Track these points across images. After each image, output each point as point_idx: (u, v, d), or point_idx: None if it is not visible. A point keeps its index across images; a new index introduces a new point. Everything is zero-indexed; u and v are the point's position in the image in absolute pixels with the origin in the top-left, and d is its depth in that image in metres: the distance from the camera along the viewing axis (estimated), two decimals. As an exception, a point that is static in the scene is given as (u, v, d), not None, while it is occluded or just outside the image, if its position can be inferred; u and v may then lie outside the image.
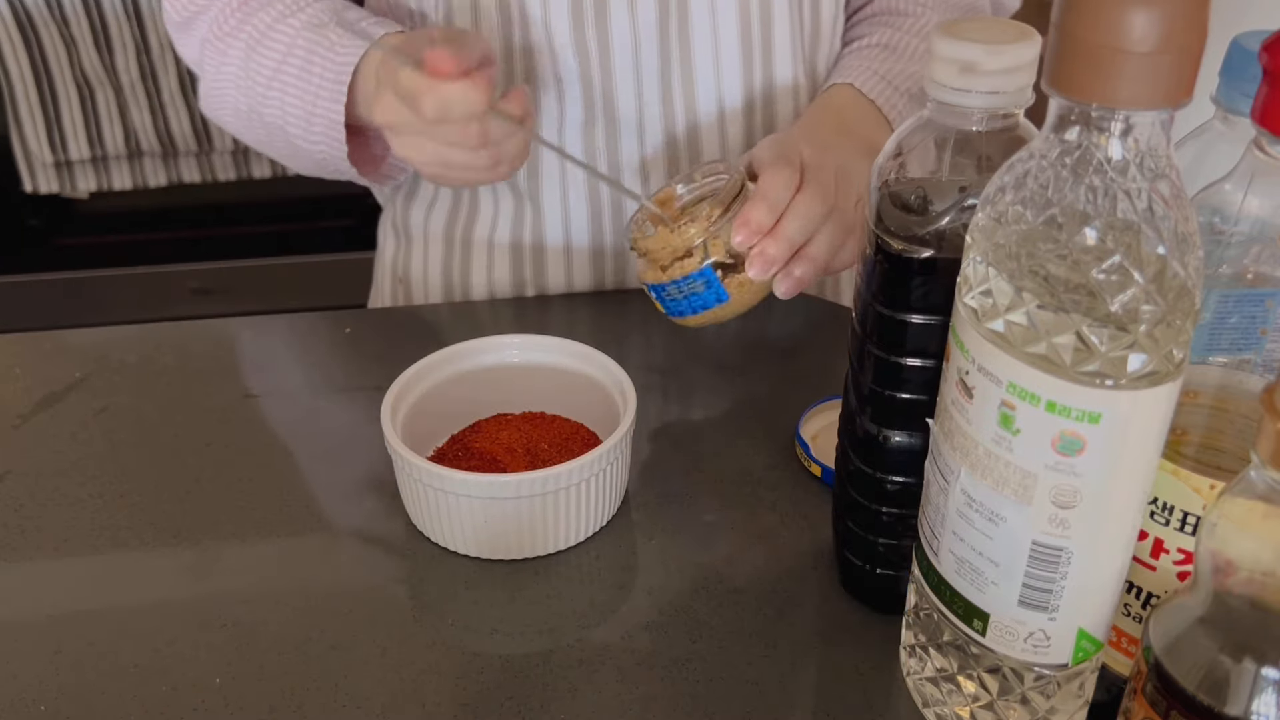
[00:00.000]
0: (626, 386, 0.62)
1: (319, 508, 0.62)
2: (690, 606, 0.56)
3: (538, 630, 0.55)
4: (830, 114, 0.75)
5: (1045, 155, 0.38)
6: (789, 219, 0.65)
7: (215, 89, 0.78)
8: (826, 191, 0.66)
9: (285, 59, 0.73)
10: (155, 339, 0.77)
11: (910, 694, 0.51)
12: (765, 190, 0.65)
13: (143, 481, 0.64)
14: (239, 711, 0.50)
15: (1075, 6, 0.35)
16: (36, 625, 0.55)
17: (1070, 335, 0.38)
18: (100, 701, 0.51)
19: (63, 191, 1.89)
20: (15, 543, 0.60)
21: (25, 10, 1.72)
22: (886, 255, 0.46)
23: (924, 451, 0.47)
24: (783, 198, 0.65)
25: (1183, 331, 0.38)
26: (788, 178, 0.65)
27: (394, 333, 0.79)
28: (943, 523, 0.45)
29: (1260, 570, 0.35)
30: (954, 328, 0.42)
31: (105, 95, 1.81)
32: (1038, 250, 0.38)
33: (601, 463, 0.58)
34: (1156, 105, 0.35)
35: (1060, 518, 0.40)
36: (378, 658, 0.53)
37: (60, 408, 0.70)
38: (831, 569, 0.58)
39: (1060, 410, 0.38)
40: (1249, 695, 0.35)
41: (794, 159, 0.67)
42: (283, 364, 0.76)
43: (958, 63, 0.42)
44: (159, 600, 0.57)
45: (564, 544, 0.59)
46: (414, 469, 0.57)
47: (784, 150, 0.68)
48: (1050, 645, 0.44)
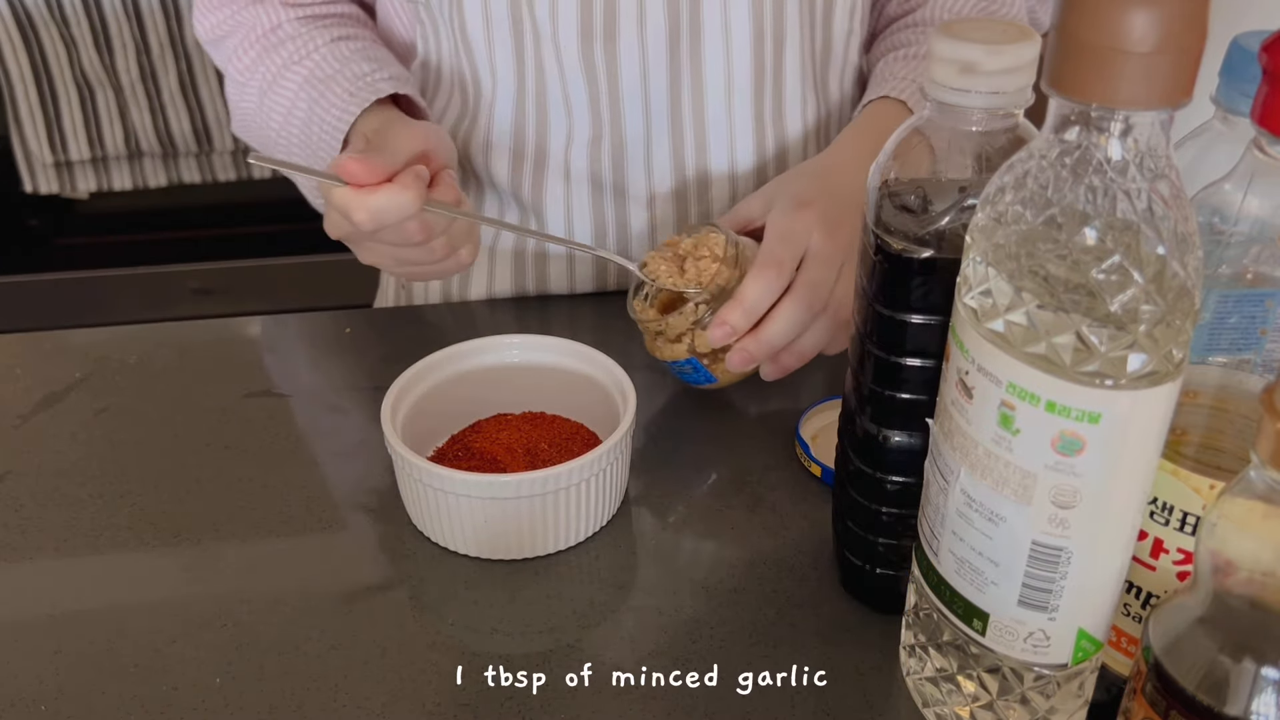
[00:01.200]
0: (626, 386, 0.62)
1: (319, 508, 0.62)
2: (690, 606, 0.56)
3: (538, 630, 0.55)
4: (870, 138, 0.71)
5: (1045, 155, 0.38)
6: (770, 324, 0.63)
7: (240, 122, 0.81)
8: (817, 295, 0.64)
9: (290, 114, 0.75)
10: (155, 339, 0.77)
11: (910, 694, 0.51)
12: (744, 295, 0.62)
13: (143, 481, 0.64)
14: (239, 711, 0.50)
15: (1075, 7, 0.35)
16: (36, 625, 0.55)
17: (1070, 335, 0.38)
18: (100, 701, 0.51)
19: (63, 192, 1.89)
20: (15, 543, 0.60)
21: (25, 10, 1.72)
22: (886, 255, 0.46)
23: (924, 451, 0.47)
24: (761, 304, 0.63)
25: (1182, 331, 0.38)
26: (770, 282, 0.63)
27: (394, 333, 0.79)
28: (942, 523, 0.45)
29: (1260, 570, 0.35)
30: (954, 328, 0.42)
31: (105, 95, 1.81)
32: (1037, 250, 0.38)
33: (601, 463, 0.58)
34: (1156, 105, 0.35)
35: (1060, 518, 0.40)
36: (378, 658, 0.53)
37: (60, 408, 0.70)
38: (831, 569, 0.58)
39: (1060, 410, 0.38)
40: (1249, 695, 0.35)
41: (793, 249, 0.64)
42: (283, 364, 0.76)
43: (958, 63, 0.42)
44: (159, 600, 0.57)
45: (564, 544, 0.59)
46: (414, 469, 0.57)
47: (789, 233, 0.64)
48: (1050, 645, 0.44)
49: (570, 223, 0.81)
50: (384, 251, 0.66)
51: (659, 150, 0.78)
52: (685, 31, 0.74)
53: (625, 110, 0.76)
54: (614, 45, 0.73)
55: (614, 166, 0.78)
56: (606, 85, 0.75)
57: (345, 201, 0.60)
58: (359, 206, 0.60)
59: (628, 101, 0.75)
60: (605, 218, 0.81)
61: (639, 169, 0.78)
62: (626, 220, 0.80)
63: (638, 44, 0.73)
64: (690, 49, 0.74)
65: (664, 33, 0.73)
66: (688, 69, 0.75)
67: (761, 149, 0.79)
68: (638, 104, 0.76)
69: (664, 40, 0.73)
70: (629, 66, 0.74)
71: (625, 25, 0.73)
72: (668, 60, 0.74)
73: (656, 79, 0.75)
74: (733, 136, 0.78)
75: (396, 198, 0.60)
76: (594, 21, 0.72)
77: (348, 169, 0.59)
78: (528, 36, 0.74)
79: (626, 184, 0.79)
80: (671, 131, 0.77)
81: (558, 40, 0.73)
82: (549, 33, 0.73)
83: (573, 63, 0.74)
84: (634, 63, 0.74)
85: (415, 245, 0.64)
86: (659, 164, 0.78)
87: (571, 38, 0.73)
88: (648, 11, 0.72)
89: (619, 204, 0.80)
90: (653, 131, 0.77)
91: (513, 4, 0.73)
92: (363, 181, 0.59)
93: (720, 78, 0.75)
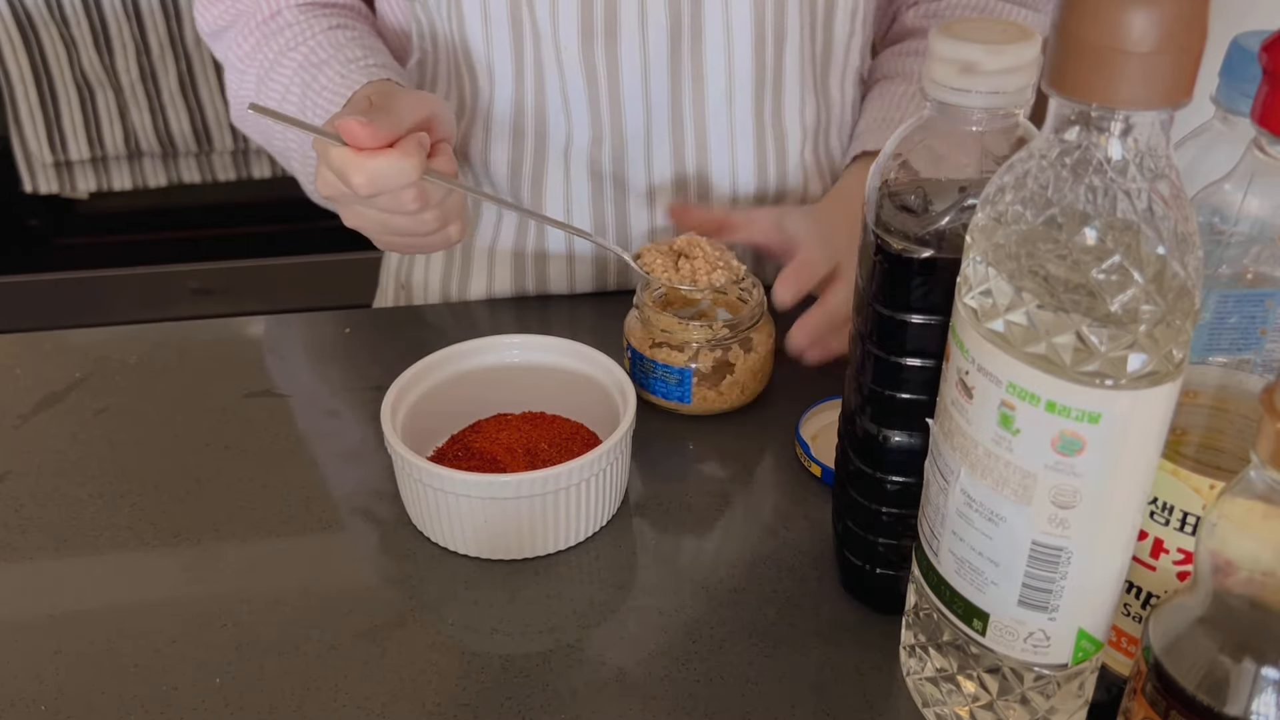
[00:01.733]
0: (626, 386, 0.62)
1: (319, 507, 0.62)
2: (690, 606, 0.56)
3: (538, 630, 0.55)
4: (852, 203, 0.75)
5: (1045, 155, 0.38)
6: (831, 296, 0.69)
7: (239, 112, 0.81)
8: None
9: (285, 98, 0.74)
10: (155, 339, 0.77)
11: (910, 694, 0.51)
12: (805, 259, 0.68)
13: (143, 481, 0.64)
14: (239, 711, 0.50)
15: (1075, 7, 0.35)
16: (36, 625, 0.55)
17: (1070, 335, 0.38)
18: (100, 701, 0.51)
19: (63, 192, 1.89)
20: (15, 543, 0.60)
21: (25, 10, 1.72)
22: (886, 255, 0.46)
23: (924, 451, 0.47)
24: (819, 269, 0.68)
25: (1183, 331, 0.38)
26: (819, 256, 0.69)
27: (394, 333, 0.79)
28: (943, 523, 0.45)
29: (1260, 570, 0.35)
30: (954, 328, 0.42)
31: (105, 95, 1.81)
32: (1038, 250, 0.38)
33: (601, 463, 0.58)
34: (1156, 105, 0.35)
35: (1060, 518, 0.40)
36: (378, 658, 0.53)
37: (60, 408, 0.70)
38: (831, 569, 0.58)
39: (1060, 410, 0.38)
40: (1249, 695, 0.35)
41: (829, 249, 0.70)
42: (283, 364, 0.76)
43: (958, 63, 0.42)
44: (159, 600, 0.57)
45: (564, 544, 0.59)
46: (414, 469, 0.57)
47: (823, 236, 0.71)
48: (1050, 645, 0.44)
49: (569, 215, 0.81)
50: (372, 217, 0.64)
51: (659, 150, 0.78)
52: (687, 31, 0.74)
53: (626, 110, 0.76)
54: (615, 45, 0.73)
55: (614, 166, 0.78)
56: (607, 86, 0.75)
57: (343, 163, 0.59)
58: (358, 169, 0.59)
59: (628, 102, 0.75)
60: (605, 216, 0.81)
61: (639, 169, 0.78)
62: (627, 220, 0.80)
63: (639, 44, 0.73)
64: (691, 49, 0.74)
65: (665, 32, 0.73)
66: (689, 69, 0.75)
67: (761, 149, 0.79)
68: (638, 104, 0.76)
69: (665, 40, 0.73)
70: (630, 67, 0.74)
71: (626, 25, 0.73)
72: (669, 60, 0.74)
73: (658, 79, 0.75)
74: (733, 137, 0.78)
75: (398, 164, 0.58)
76: (595, 21, 0.72)
77: (350, 129, 0.57)
78: (527, 37, 0.74)
79: (627, 183, 0.79)
80: (672, 131, 0.77)
81: (558, 40, 0.73)
82: (549, 32, 0.73)
83: (573, 63, 0.74)
84: (635, 63, 0.74)
85: (408, 214, 0.63)
86: (659, 164, 0.78)
87: (572, 37, 0.73)
88: (649, 11, 0.72)
89: (619, 203, 0.80)
90: (653, 131, 0.77)
91: (512, 4, 0.72)
92: (364, 145, 0.58)
93: (721, 77, 0.75)
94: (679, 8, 0.72)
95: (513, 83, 0.76)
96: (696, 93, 0.76)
